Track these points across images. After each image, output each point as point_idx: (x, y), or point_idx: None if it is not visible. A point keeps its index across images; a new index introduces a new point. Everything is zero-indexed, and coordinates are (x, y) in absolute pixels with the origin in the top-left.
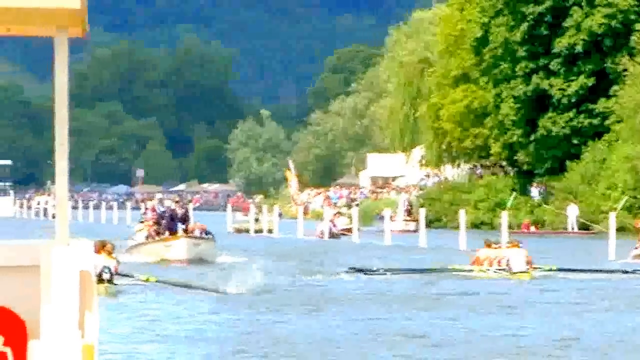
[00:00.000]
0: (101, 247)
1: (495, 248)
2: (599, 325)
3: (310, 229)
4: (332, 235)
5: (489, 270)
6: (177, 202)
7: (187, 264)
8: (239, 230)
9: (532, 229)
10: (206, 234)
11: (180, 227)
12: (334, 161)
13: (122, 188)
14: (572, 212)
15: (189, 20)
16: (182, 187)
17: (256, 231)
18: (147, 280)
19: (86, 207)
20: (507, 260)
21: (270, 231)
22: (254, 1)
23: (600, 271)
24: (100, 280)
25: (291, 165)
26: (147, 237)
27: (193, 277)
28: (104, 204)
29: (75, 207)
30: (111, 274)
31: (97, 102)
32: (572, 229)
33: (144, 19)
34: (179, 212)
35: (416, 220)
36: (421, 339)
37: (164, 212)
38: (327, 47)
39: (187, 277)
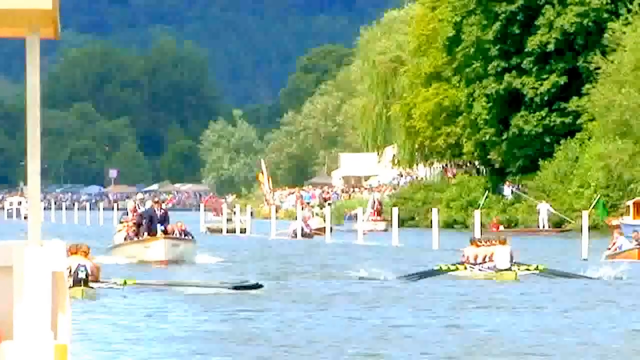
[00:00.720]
0: (75, 250)
1: (481, 245)
2: (576, 325)
3: (283, 229)
4: (304, 235)
5: (473, 269)
6: (156, 202)
7: (166, 265)
8: (212, 230)
9: (501, 228)
10: (185, 235)
11: (160, 228)
12: (307, 161)
13: (94, 188)
14: (543, 209)
15: (163, 21)
16: (155, 187)
17: (229, 231)
18: (124, 284)
19: (59, 208)
20: (493, 257)
21: (242, 231)
22: (228, 2)
23: (584, 277)
24: (76, 281)
25: (263, 165)
26: (125, 238)
27: (171, 278)
28: (76, 204)
29: (48, 208)
30: (87, 273)
31: (70, 103)
32: (543, 226)
33: (117, 20)
34: (158, 212)
35: (386, 220)
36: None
37: (144, 212)
38: (301, 47)
39: (166, 278)
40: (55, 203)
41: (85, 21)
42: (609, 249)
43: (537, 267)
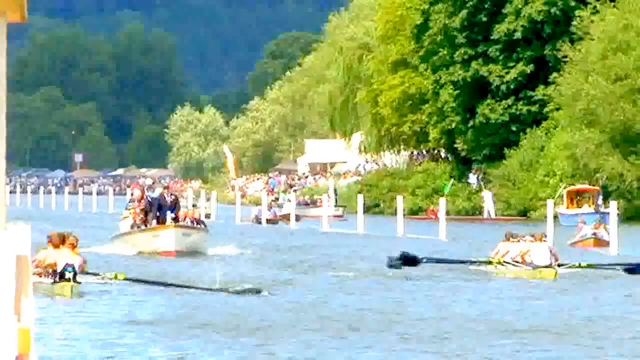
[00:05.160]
0: (61, 240)
1: (515, 241)
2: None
3: (247, 214)
4: (269, 221)
5: (508, 264)
6: (165, 187)
7: (175, 256)
8: None
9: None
10: (198, 223)
11: (170, 215)
12: (273, 147)
13: (60, 173)
14: (488, 197)
15: (131, 6)
16: (120, 172)
17: None
18: (115, 278)
19: (24, 192)
20: (529, 254)
21: (207, 216)
22: None
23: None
24: (62, 278)
25: (227, 151)
26: (132, 226)
27: (181, 270)
28: (42, 188)
29: (13, 192)
30: (75, 273)
31: (36, 87)
32: (489, 215)
33: (86, 5)
34: (169, 198)
35: (343, 207)
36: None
37: (153, 199)
38: (268, 33)
39: (174, 271)
40: (20, 187)
41: (53, 5)
42: (575, 235)
43: (580, 264)
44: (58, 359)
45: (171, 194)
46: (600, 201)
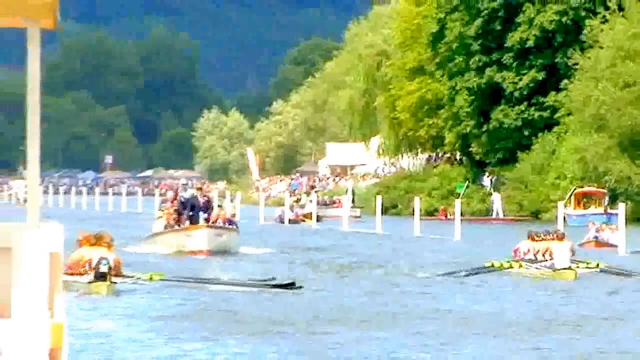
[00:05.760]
0: (97, 239)
1: (538, 240)
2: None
3: (270, 215)
4: (291, 221)
5: (529, 267)
6: (199, 189)
7: (208, 255)
8: None
9: (450, 215)
10: (230, 224)
11: (202, 216)
12: (295, 150)
13: (90, 174)
14: (496, 199)
15: (157, 12)
16: (149, 173)
17: None
18: (150, 279)
19: (56, 193)
20: (550, 254)
21: (232, 216)
22: None
23: None
24: (98, 276)
25: (250, 153)
26: (165, 227)
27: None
28: (74, 189)
29: (45, 192)
30: (109, 266)
31: (67, 91)
32: (497, 215)
33: (113, 10)
34: (201, 200)
35: (359, 207)
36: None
37: (186, 200)
38: (290, 40)
39: (206, 269)
40: (52, 187)
41: (83, 11)
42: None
43: (598, 264)
44: (90, 353)
45: (204, 196)
46: (606, 203)
